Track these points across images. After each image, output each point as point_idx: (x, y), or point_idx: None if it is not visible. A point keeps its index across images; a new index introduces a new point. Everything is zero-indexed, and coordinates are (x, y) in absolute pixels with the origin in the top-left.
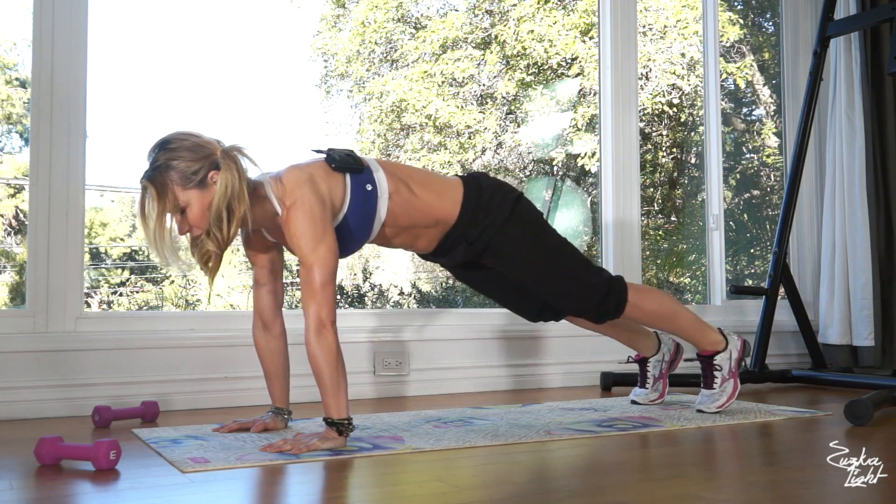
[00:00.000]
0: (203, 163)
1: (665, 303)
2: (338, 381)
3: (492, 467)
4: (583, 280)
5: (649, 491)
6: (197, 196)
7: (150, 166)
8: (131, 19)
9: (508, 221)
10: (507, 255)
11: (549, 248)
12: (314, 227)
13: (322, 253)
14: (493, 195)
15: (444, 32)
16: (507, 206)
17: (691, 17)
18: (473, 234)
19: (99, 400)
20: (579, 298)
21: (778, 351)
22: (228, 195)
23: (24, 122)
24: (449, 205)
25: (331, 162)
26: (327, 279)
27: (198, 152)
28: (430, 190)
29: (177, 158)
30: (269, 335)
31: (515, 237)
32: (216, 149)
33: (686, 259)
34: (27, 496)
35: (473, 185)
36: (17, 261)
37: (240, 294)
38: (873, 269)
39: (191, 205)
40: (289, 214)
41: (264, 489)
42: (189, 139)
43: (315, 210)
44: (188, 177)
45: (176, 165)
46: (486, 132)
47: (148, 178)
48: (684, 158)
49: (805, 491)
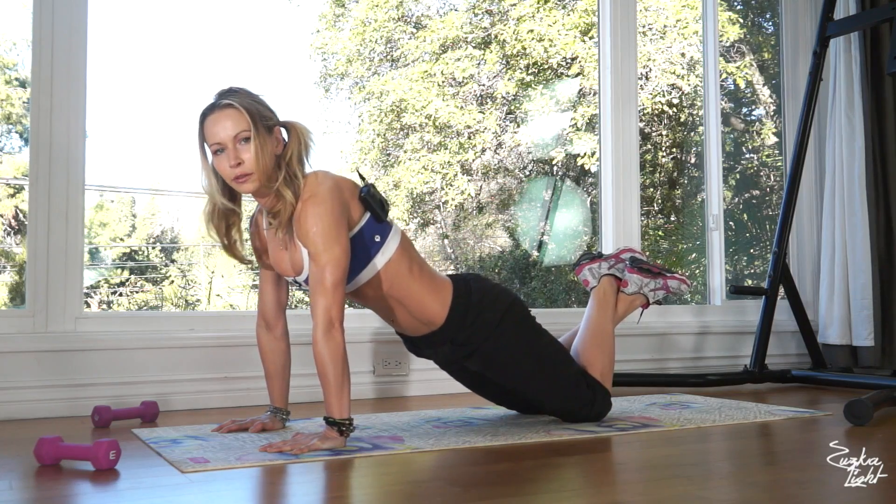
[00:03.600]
0: (273, 115)
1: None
2: (342, 381)
3: (492, 467)
4: (570, 387)
5: (649, 491)
6: (262, 136)
7: (232, 91)
8: (131, 19)
9: (498, 328)
10: (494, 362)
11: (540, 356)
12: (331, 225)
13: (336, 253)
14: (482, 299)
15: (444, 32)
16: (498, 311)
17: (691, 17)
18: (460, 338)
19: (99, 400)
20: (563, 403)
21: (778, 351)
22: (302, 151)
23: (24, 122)
24: (438, 306)
25: (361, 190)
26: (339, 279)
27: (268, 105)
28: (428, 283)
29: (255, 101)
30: (271, 335)
31: (505, 345)
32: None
33: (686, 259)
34: (27, 496)
35: (463, 288)
36: (16, 261)
37: (239, 294)
38: (873, 269)
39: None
40: (305, 208)
41: (264, 489)
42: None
43: (335, 210)
44: (264, 115)
45: (257, 98)
46: (485, 132)
47: (236, 96)
48: (684, 158)
49: (805, 491)
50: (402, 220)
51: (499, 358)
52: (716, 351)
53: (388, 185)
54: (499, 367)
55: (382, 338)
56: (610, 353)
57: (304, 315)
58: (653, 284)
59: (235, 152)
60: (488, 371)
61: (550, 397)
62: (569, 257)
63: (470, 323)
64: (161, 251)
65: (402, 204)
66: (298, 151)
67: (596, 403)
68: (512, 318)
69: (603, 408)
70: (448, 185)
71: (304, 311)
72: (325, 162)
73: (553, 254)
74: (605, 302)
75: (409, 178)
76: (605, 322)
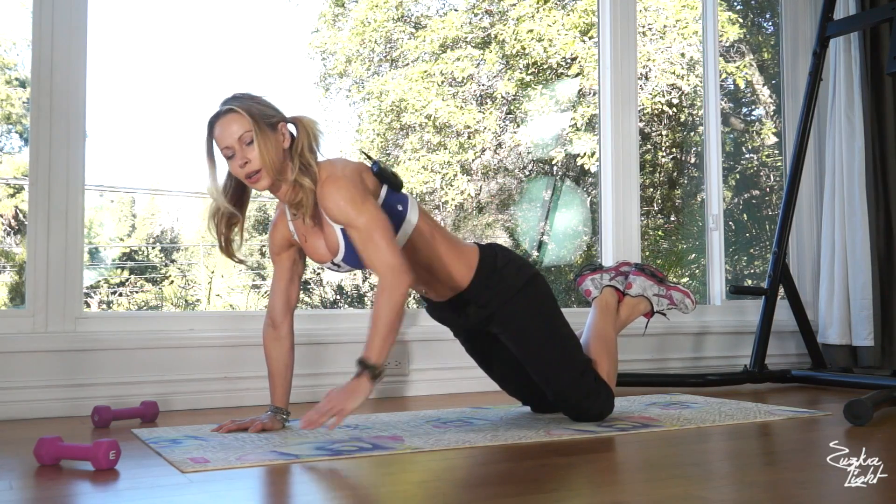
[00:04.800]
0: (277, 112)
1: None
2: (392, 327)
3: (492, 467)
4: (578, 371)
5: (649, 491)
6: (265, 134)
7: (234, 97)
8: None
9: (521, 293)
10: (515, 325)
11: (556, 331)
12: (355, 193)
13: (371, 211)
14: (507, 265)
15: (443, 32)
16: (521, 278)
17: (691, 17)
18: (484, 298)
19: (99, 400)
20: (569, 385)
21: (777, 351)
22: (311, 141)
23: (24, 122)
24: (464, 269)
25: (373, 167)
26: (386, 231)
27: (271, 105)
28: (452, 247)
29: (257, 102)
30: (276, 333)
31: (525, 310)
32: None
33: (685, 259)
34: (27, 496)
35: (489, 252)
36: (16, 261)
37: (239, 294)
38: (873, 270)
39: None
40: (325, 188)
41: (264, 489)
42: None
43: (354, 180)
44: (266, 114)
45: (259, 100)
46: (485, 132)
47: (238, 102)
48: (684, 158)
49: (805, 491)
50: None
51: (516, 322)
52: (716, 351)
53: None
54: (515, 331)
55: None
56: (614, 358)
57: (305, 315)
58: (656, 289)
59: (242, 153)
60: (505, 333)
61: (559, 376)
62: (569, 257)
63: (494, 284)
64: (161, 251)
65: None
66: (308, 142)
67: (600, 398)
68: (534, 287)
69: (606, 407)
70: (448, 184)
71: (305, 312)
72: None
73: (553, 254)
74: (608, 310)
75: (409, 178)
76: (608, 329)
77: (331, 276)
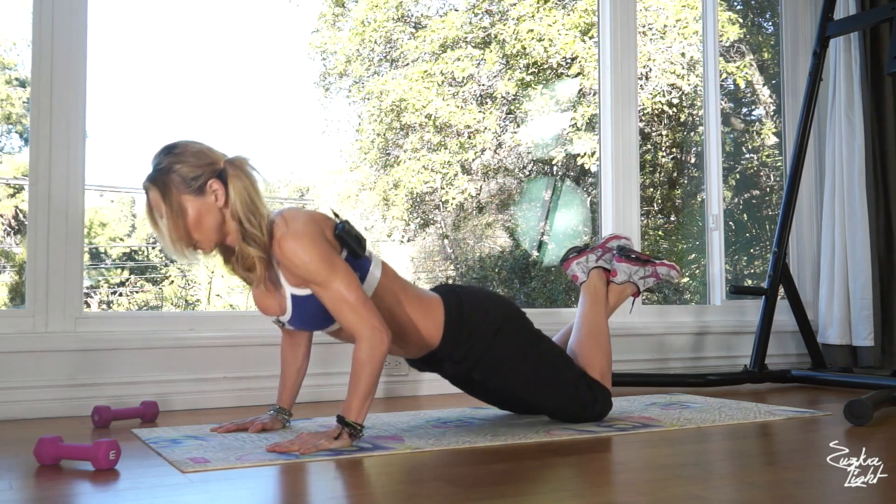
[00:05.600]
0: (205, 169)
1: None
2: (372, 388)
3: (492, 467)
4: (571, 390)
5: (649, 491)
6: (194, 203)
7: (154, 169)
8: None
9: (495, 340)
10: (495, 373)
11: (541, 362)
12: (321, 251)
13: (342, 272)
14: (474, 312)
15: (443, 32)
16: (492, 325)
17: (691, 17)
18: (458, 355)
19: (99, 400)
20: (566, 406)
21: (778, 351)
22: (247, 198)
23: (24, 122)
24: (432, 326)
25: (336, 227)
26: (360, 292)
27: (201, 158)
28: (418, 306)
29: (180, 163)
30: (293, 339)
31: (503, 355)
32: (220, 159)
33: (686, 259)
34: (27, 496)
35: (454, 302)
36: (16, 261)
37: (239, 294)
38: (873, 270)
39: (187, 211)
40: (284, 246)
41: (264, 489)
42: (194, 146)
43: (316, 237)
44: (188, 182)
45: (178, 169)
46: (485, 132)
47: (151, 180)
48: (684, 158)
49: (805, 491)
50: (401, 220)
51: (500, 369)
52: (715, 351)
53: (388, 184)
54: (500, 376)
55: None
56: (607, 351)
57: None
58: (642, 272)
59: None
60: (491, 381)
61: (553, 401)
62: None
63: (465, 339)
64: (161, 251)
65: (402, 203)
66: (242, 199)
67: (597, 404)
68: (508, 328)
69: (604, 408)
70: (448, 184)
71: None
72: (324, 162)
73: (553, 254)
74: (597, 297)
75: (409, 177)
76: (599, 318)
77: None
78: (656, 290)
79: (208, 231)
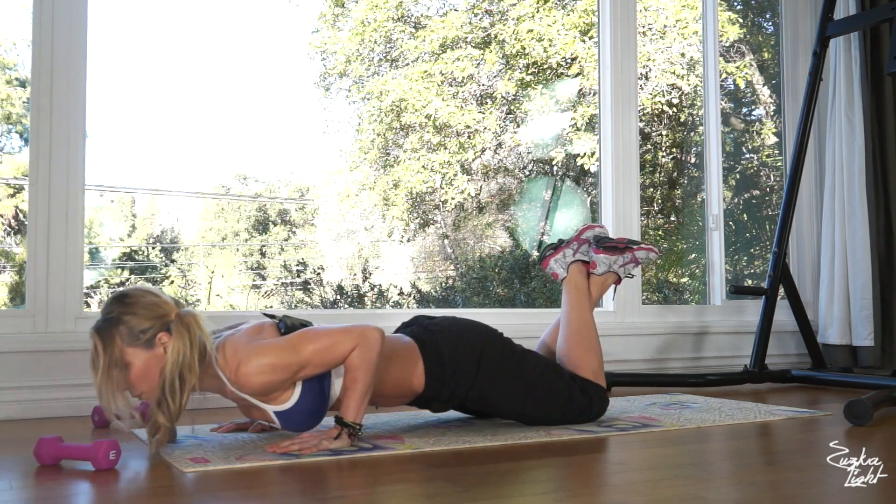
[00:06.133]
0: (154, 322)
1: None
2: (368, 389)
3: (492, 467)
4: (565, 399)
5: (649, 491)
6: (140, 355)
7: (102, 317)
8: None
9: (479, 373)
10: (486, 400)
11: (529, 380)
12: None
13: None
14: (453, 352)
15: (443, 32)
16: (472, 359)
17: (691, 17)
18: (445, 394)
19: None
20: (563, 414)
21: (778, 351)
22: (180, 363)
23: (24, 122)
24: (414, 376)
25: (279, 325)
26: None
27: (152, 311)
28: (397, 362)
29: (129, 314)
30: None
31: (490, 384)
32: (172, 310)
33: (685, 259)
34: (27, 496)
35: (431, 347)
36: (16, 261)
37: (239, 294)
38: (873, 270)
39: (133, 364)
40: (240, 378)
41: (264, 489)
42: (147, 297)
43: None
44: (136, 334)
45: (127, 321)
46: (485, 132)
47: (96, 330)
48: (684, 158)
49: (805, 491)
50: (401, 220)
51: (490, 395)
52: (716, 351)
53: (388, 184)
54: (493, 402)
55: None
56: (596, 348)
57: (305, 315)
58: (621, 260)
59: (122, 380)
60: (483, 408)
61: (550, 412)
62: None
63: (449, 378)
64: (161, 251)
65: (402, 203)
66: (173, 361)
67: (594, 404)
68: (488, 358)
69: (601, 407)
70: (448, 184)
71: (305, 311)
72: (325, 162)
73: None
74: (579, 291)
75: (409, 177)
76: (584, 314)
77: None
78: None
79: (153, 382)
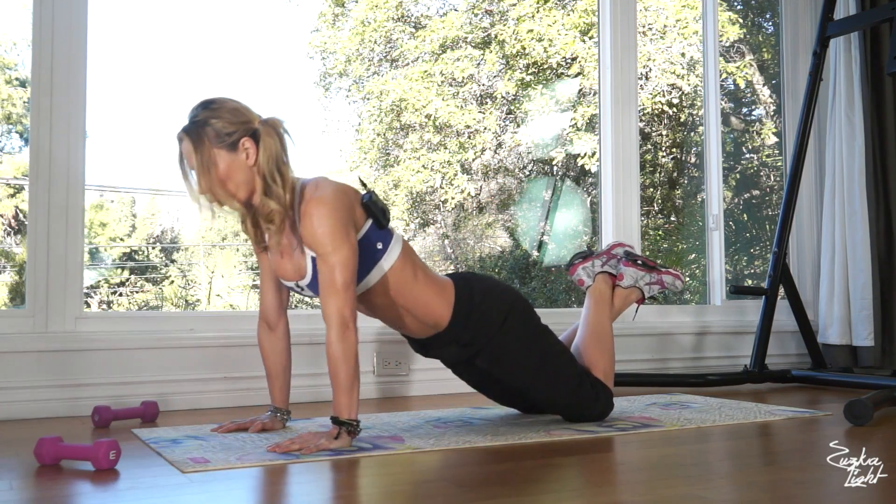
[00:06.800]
0: (239, 127)
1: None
2: (353, 382)
3: (492, 467)
4: (574, 386)
5: (649, 491)
6: (224, 157)
7: (190, 121)
8: (131, 19)
9: (503, 327)
10: (499, 360)
11: (545, 354)
12: (337, 225)
13: (345, 252)
14: (484, 299)
15: (443, 32)
16: (500, 311)
17: (691, 17)
18: (465, 338)
19: (99, 400)
20: (568, 401)
21: (778, 351)
22: (275, 156)
23: (24, 122)
24: (443, 308)
25: (363, 197)
26: (349, 279)
27: (237, 116)
28: (431, 285)
29: (215, 117)
30: (272, 335)
31: (510, 343)
32: (255, 118)
33: (685, 259)
34: (27, 496)
35: (465, 287)
36: (16, 261)
37: (239, 294)
38: (873, 269)
39: (217, 165)
40: (309, 209)
41: (264, 489)
42: (231, 103)
43: (340, 210)
44: (222, 136)
45: (213, 123)
46: (485, 132)
47: (185, 131)
48: (684, 158)
49: (805, 491)
50: (401, 220)
51: (504, 356)
52: (716, 351)
53: (388, 184)
54: (504, 365)
55: (383, 338)
56: (610, 352)
57: (304, 315)
58: (648, 278)
59: (206, 179)
60: (494, 369)
61: (555, 395)
62: (569, 257)
63: (474, 323)
64: (161, 251)
65: (402, 203)
66: (268, 156)
67: (599, 402)
68: (515, 317)
69: (605, 407)
70: (448, 184)
71: (304, 312)
72: (324, 162)
73: (553, 254)
74: (602, 300)
75: (409, 177)
76: (603, 320)
77: None
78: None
79: (235, 186)
